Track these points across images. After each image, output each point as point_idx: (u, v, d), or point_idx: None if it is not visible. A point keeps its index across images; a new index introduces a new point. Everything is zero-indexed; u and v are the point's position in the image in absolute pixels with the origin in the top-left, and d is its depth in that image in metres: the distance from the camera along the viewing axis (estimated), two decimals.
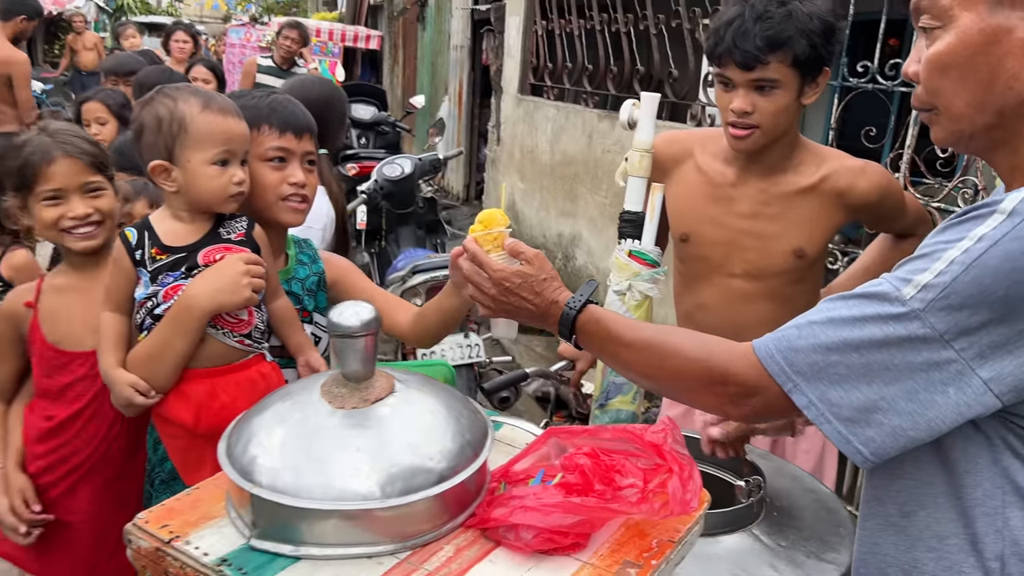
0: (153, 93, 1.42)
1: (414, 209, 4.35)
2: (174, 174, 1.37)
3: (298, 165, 1.52)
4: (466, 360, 3.30)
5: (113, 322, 1.40)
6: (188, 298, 1.34)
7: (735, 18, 1.63)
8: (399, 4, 12.31)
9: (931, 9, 0.94)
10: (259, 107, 1.50)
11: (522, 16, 6.45)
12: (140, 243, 1.38)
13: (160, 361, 1.35)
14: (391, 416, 0.97)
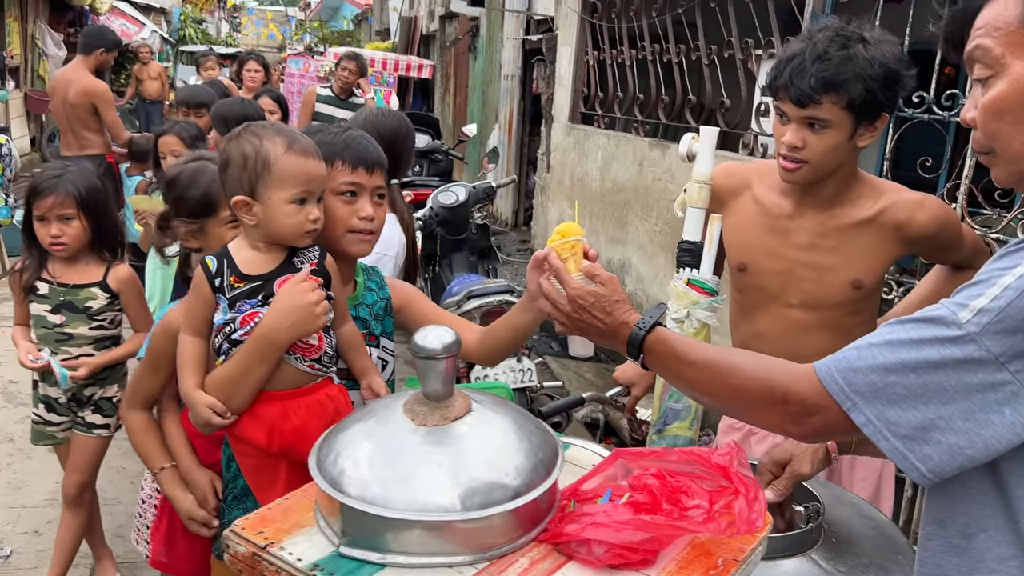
0: (241, 129, 1.50)
1: (467, 235, 4.45)
2: (255, 209, 1.44)
3: (368, 199, 1.59)
4: (519, 384, 3.36)
5: (192, 346, 1.48)
6: (267, 332, 1.41)
7: (797, 54, 1.66)
8: (451, 34, 12.56)
9: (984, 59, 0.98)
10: (334, 143, 1.58)
11: (574, 47, 6.55)
12: (219, 271, 1.45)
13: (238, 386, 1.43)
14: (469, 434, 1.03)
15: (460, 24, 11.84)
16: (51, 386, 2.58)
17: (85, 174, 2.52)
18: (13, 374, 4.53)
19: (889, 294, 3.12)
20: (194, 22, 23.56)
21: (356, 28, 26.87)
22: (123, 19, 14.42)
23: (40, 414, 2.64)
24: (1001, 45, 0.97)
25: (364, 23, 24.95)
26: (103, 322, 2.54)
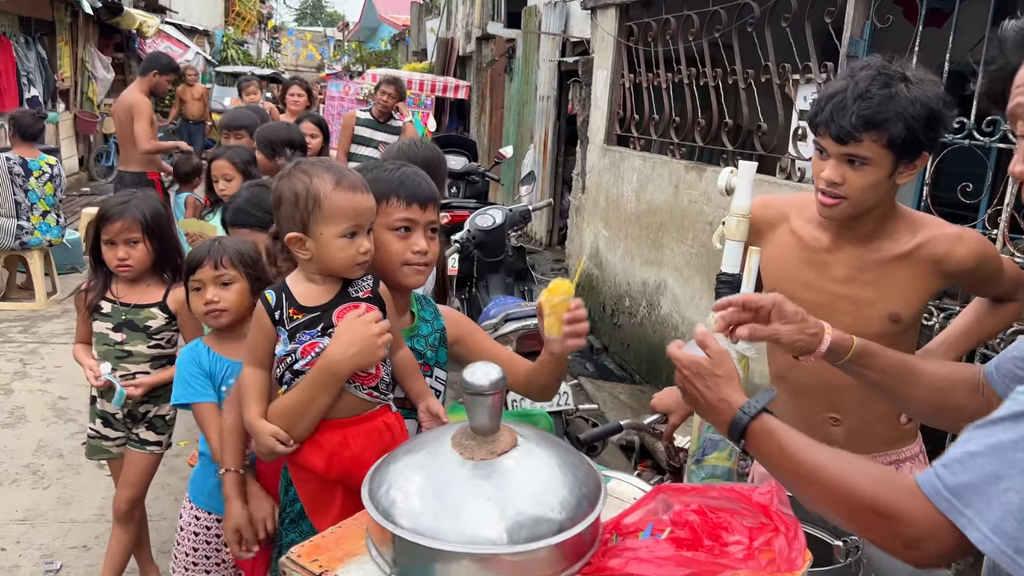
0: (292, 168, 1.57)
1: (504, 257, 4.49)
2: (308, 244, 1.51)
3: (421, 234, 1.65)
4: (555, 407, 3.38)
5: (255, 377, 1.54)
6: (330, 362, 1.47)
7: (839, 92, 1.66)
8: (488, 55, 12.69)
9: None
10: (390, 180, 1.64)
11: (610, 69, 6.60)
12: (279, 304, 1.52)
13: (301, 415, 1.49)
14: (516, 468, 1.07)
15: (497, 46, 11.97)
16: (110, 402, 2.68)
17: (150, 201, 2.65)
18: (63, 391, 4.68)
19: (929, 320, 3.09)
20: (236, 43, 24.09)
21: (393, 49, 27.26)
22: (169, 42, 14.81)
23: (97, 429, 2.74)
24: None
25: (401, 43, 25.30)
26: (160, 341, 2.64)
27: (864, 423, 1.84)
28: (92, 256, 2.63)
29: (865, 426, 1.84)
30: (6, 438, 4.12)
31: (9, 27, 9.73)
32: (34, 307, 6.15)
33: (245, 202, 2.52)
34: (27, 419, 4.35)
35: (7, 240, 5.83)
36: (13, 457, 3.93)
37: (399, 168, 1.69)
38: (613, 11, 6.58)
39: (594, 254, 6.84)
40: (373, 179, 1.62)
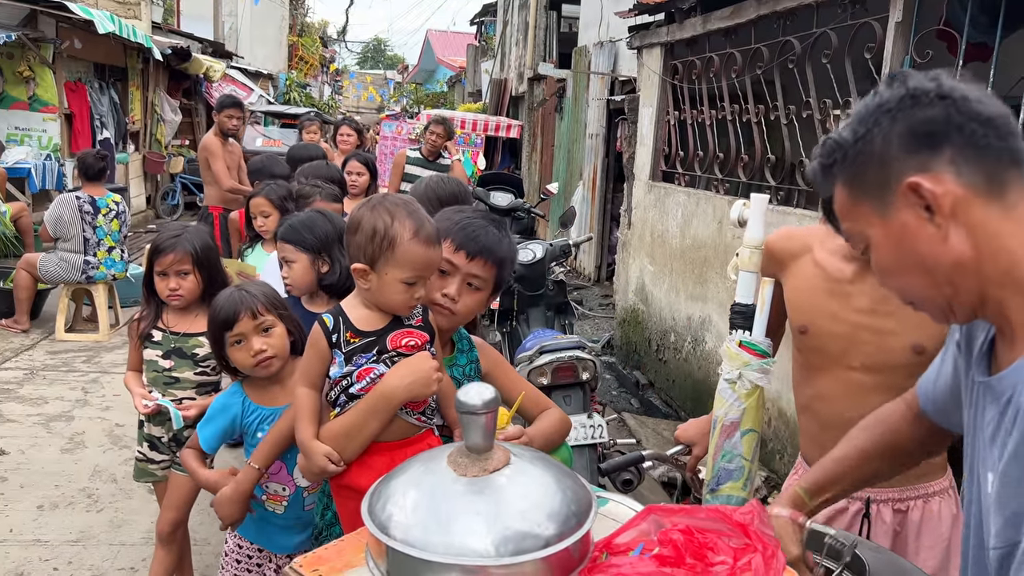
0: (379, 201, 1.62)
1: (544, 291, 4.54)
2: (370, 278, 1.58)
3: (458, 281, 1.69)
4: (588, 440, 3.39)
5: (309, 398, 1.61)
6: (387, 389, 1.54)
7: None
8: (539, 95, 12.90)
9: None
10: (453, 221, 1.70)
11: (655, 107, 6.66)
12: (336, 327, 1.59)
13: (353, 438, 1.56)
14: (507, 485, 1.11)
15: (547, 85, 12.16)
16: (156, 426, 2.80)
17: (200, 234, 2.79)
18: (120, 418, 4.87)
19: None
20: (299, 86, 24.93)
21: (450, 90, 27.87)
22: (234, 85, 15.43)
23: (144, 452, 2.86)
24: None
25: (458, 85, 25.87)
26: (206, 368, 2.75)
27: None
28: (145, 287, 2.77)
29: None
30: (65, 463, 4.30)
31: (85, 74, 10.29)
32: (98, 338, 6.42)
33: (300, 223, 2.61)
34: (85, 445, 4.53)
35: (74, 274, 6.12)
36: (71, 481, 4.09)
37: (470, 216, 1.74)
38: (658, 50, 6.66)
39: (640, 289, 6.84)
40: (444, 218, 1.67)
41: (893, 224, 1.03)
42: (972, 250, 1.00)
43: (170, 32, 13.92)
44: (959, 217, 0.99)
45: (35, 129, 9.09)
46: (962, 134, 0.99)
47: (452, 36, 31.85)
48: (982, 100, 1.01)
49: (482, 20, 22.83)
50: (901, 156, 1.01)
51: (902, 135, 1.01)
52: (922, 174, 0.99)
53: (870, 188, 1.04)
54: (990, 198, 0.99)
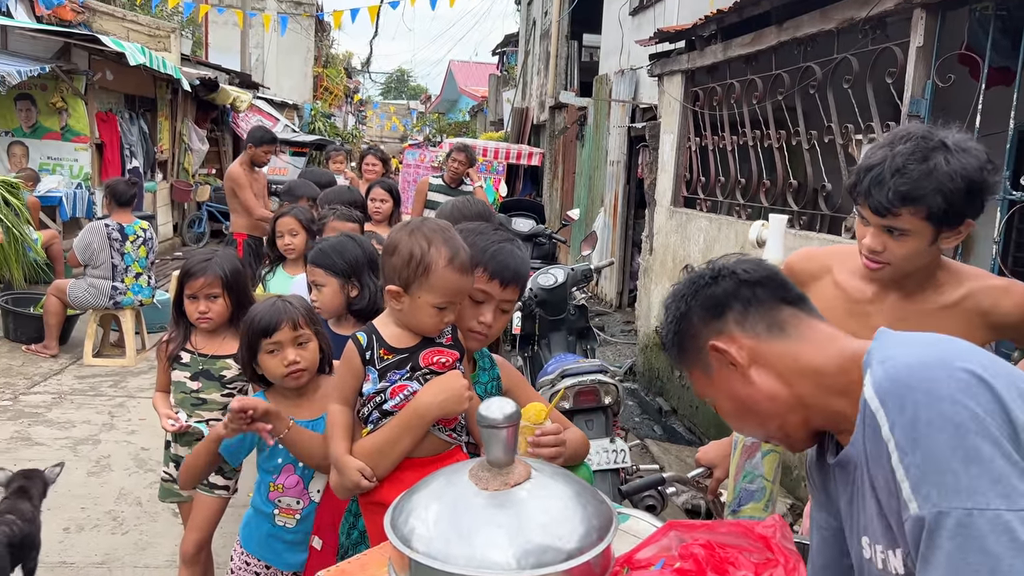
0: (417, 225, 1.65)
1: (566, 316, 4.54)
2: (403, 300, 1.61)
3: (491, 308, 1.73)
4: (611, 465, 3.37)
5: (342, 415, 1.65)
6: (420, 406, 1.57)
7: (876, 165, 1.65)
8: (560, 123, 13.00)
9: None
10: (484, 250, 1.72)
11: (676, 133, 6.70)
12: (370, 345, 1.63)
13: (386, 455, 1.59)
14: (528, 499, 1.12)
15: (569, 114, 12.25)
16: (182, 446, 2.83)
17: (230, 258, 2.85)
18: (146, 442, 4.91)
19: None
20: (323, 116, 25.30)
21: (472, 119, 28.15)
22: (260, 115, 15.70)
23: (169, 472, 2.89)
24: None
25: (480, 114, 26.12)
26: (233, 390, 2.79)
27: None
28: (175, 309, 2.82)
29: None
30: (91, 486, 4.34)
31: (116, 104, 10.53)
32: (124, 363, 6.51)
33: (331, 247, 2.64)
34: (111, 468, 4.58)
35: (102, 300, 6.22)
36: (96, 504, 4.13)
37: (500, 242, 1.76)
38: (679, 77, 6.71)
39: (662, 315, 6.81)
40: (471, 243, 1.69)
41: (717, 381, 1.26)
42: (778, 381, 1.21)
43: (198, 63, 14.23)
44: (758, 361, 1.22)
45: (67, 158, 9.30)
46: (739, 299, 1.25)
47: (474, 66, 32.23)
48: (750, 270, 1.28)
49: (504, 50, 23.10)
50: (701, 327, 1.27)
51: (697, 311, 1.27)
52: (717, 336, 1.24)
53: (692, 357, 1.29)
54: (774, 338, 1.23)
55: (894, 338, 1.19)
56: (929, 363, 1.06)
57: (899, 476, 1.00)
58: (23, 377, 6.08)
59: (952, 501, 0.94)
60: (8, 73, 7.60)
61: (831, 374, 1.19)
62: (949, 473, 0.95)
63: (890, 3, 3.90)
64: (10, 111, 9.08)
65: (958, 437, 0.96)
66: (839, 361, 1.20)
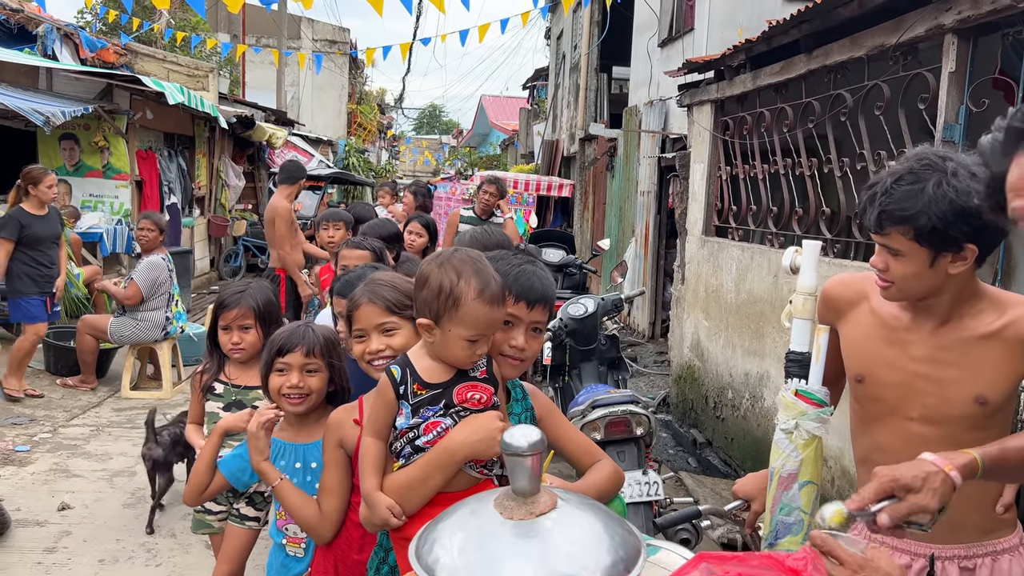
0: (448, 257, 1.63)
1: (596, 346, 4.52)
2: (435, 333, 1.59)
3: (523, 331, 1.70)
4: (644, 498, 3.32)
5: (375, 448, 1.62)
6: (452, 445, 1.55)
7: (874, 184, 1.69)
8: (590, 155, 13.04)
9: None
10: (506, 274, 1.69)
11: (706, 163, 6.68)
12: (403, 379, 1.60)
13: (416, 492, 1.57)
14: (553, 529, 1.10)
15: (599, 145, 12.30)
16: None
17: (263, 290, 2.88)
18: (179, 474, 4.94)
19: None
20: (357, 152, 25.69)
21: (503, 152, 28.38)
22: (295, 151, 15.98)
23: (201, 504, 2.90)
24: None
25: (511, 147, 26.34)
26: None
27: (955, 511, 1.75)
28: (209, 340, 2.86)
29: (957, 514, 1.75)
30: (126, 517, 4.38)
31: (155, 143, 10.80)
32: (161, 395, 6.59)
33: (356, 278, 2.67)
34: (147, 500, 4.60)
35: (154, 333, 6.39)
36: (131, 535, 4.16)
37: (521, 264, 1.75)
38: (709, 107, 6.71)
39: (695, 345, 6.75)
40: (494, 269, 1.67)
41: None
42: None
43: (235, 102, 14.56)
44: None
45: (108, 195, 9.53)
46: None
47: (505, 101, 32.57)
48: None
49: (534, 84, 23.32)
50: None
51: None
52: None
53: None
54: None
55: None
56: None
57: None
58: (63, 410, 6.18)
59: None
60: (53, 114, 7.84)
61: None
62: None
63: (920, 29, 3.87)
64: (55, 150, 9.35)
65: None
66: None
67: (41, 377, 6.79)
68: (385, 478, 1.60)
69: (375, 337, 1.84)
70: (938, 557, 1.75)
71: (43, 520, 4.26)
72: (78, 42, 11.03)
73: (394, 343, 1.84)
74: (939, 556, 1.75)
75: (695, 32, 8.80)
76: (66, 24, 11.31)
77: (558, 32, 17.55)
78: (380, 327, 1.86)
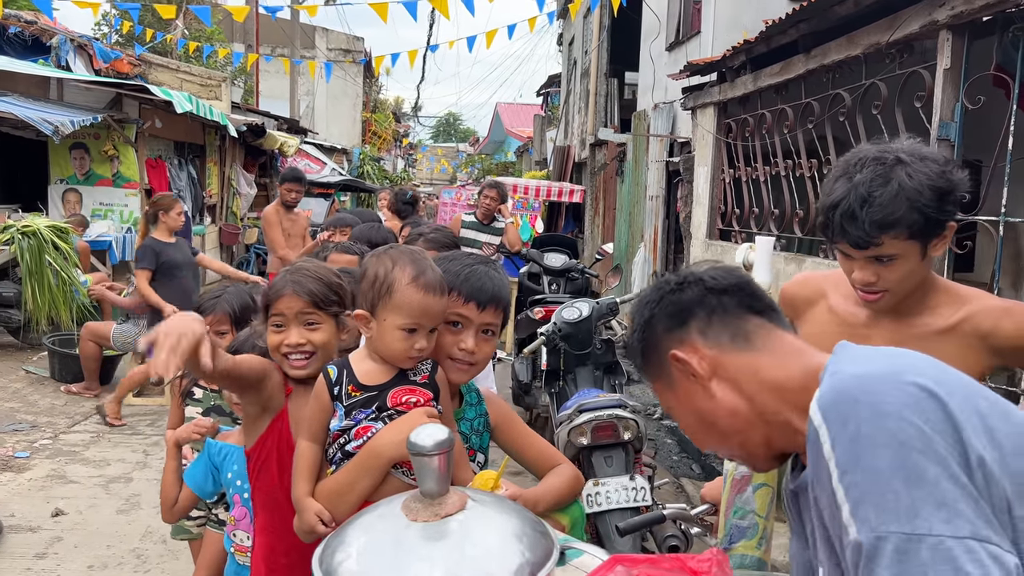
0: (385, 249, 1.63)
1: (592, 350, 4.46)
2: (371, 325, 1.56)
3: (472, 333, 1.64)
4: (629, 504, 3.26)
5: (309, 452, 1.56)
6: (378, 446, 1.49)
7: (840, 201, 1.58)
8: (600, 160, 13.00)
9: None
10: (456, 274, 1.65)
11: (710, 166, 6.62)
12: (339, 379, 1.56)
13: (344, 498, 1.50)
14: (458, 531, 1.06)
15: (608, 150, 12.26)
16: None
17: (240, 295, 2.87)
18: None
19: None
20: (372, 160, 25.78)
21: (518, 159, 28.40)
22: (307, 159, 16.06)
23: None
24: None
25: (525, 154, 26.35)
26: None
27: None
28: None
29: None
30: (119, 523, 4.37)
31: (165, 151, 10.89)
32: (163, 402, 6.59)
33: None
34: (140, 506, 4.61)
35: None
36: (122, 541, 4.15)
37: (473, 264, 1.70)
38: (711, 110, 6.65)
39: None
40: (444, 269, 1.63)
41: (679, 393, 1.21)
42: (739, 395, 1.15)
43: (248, 111, 14.66)
44: (719, 373, 1.16)
45: (117, 204, 9.61)
46: (703, 307, 1.19)
47: (520, 108, 32.62)
48: (718, 277, 1.21)
49: (548, 91, 23.33)
50: (663, 336, 1.21)
51: (660, 319, 1.22)
52: (679, 346, 1.18)
53: (655, 369, 1.23)
54: (738, 350, 1.16)
55: (850, 352, 1.10)
56: (878, 376, 0.98)
57: (839, 497, 0.92)
58: (65, 416, 6.21)
59: (891, 524, 0.87)
60: (62, 123, 7.92)
61: (793, 390, 1.12)
62: (890, 493, 0.88)
63: (915, 25, 3.80)
64: (65, 160, 9.45)
65: (901, 455, 0.88)
66: (802, 376, 1.12)
67: (46, 384, 6.83)
68: (318, 484, 1.55)
69: (295, 329, 1.72)
70: None
71: (36, 526, 4.26)
72: (92, 53, 11.17)
73: (315, 338, 1.73)
74: None
75: (701, 36, 8.75)
76: (80, 35, 11.45)
77: (569, 38, 17.55)
78: (301, 320, 1.73)
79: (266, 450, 1.75)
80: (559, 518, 1.77)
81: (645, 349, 1.24)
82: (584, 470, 3.42)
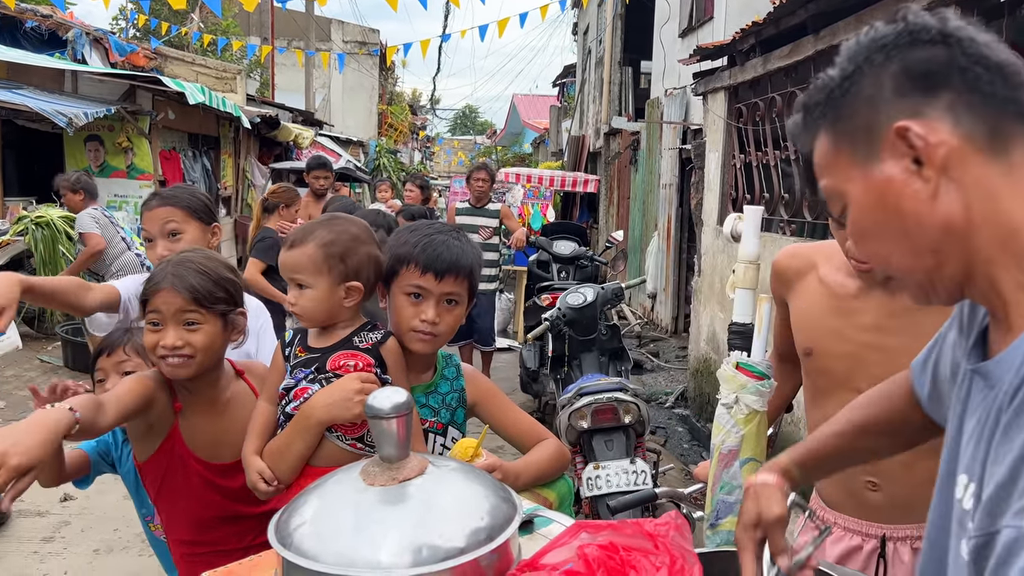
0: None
1: (597, 336, 4.43)
2: None
3: (432, 304, 1.61)
4: (630, 487, 3.23)
5: (264, 412, 1.60)
6: (308, 407, 1.51)
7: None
8: (614, 149, 12.92)
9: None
10: (413, 244, 1.62)
11: (721, 151, 6.54)
12: (292, 341, 1.60)
13: (282, 458, 1.53)
14: (415, 495, 1.04)
15: (622, 139, 12.18)
16: None
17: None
18: None
19: None
20: (388, 152, 25.79)
21: (535, 151, 28.33)
22: (322, 151, 16.08)
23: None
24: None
25: (542, 145, 26.27)
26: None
27: (907, 488, 1.65)
28: None
29: (908, 491, 1.65)
30: (125, 508, 4.39)
31: (179, 143, 10.94)
32: None
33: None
34: None
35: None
36: (128, 525, 4.17)
37: (432, 234, 1.66)
38: (722, 94, 6.57)
39: (711, 337, 6.62)
40: (403, 241, 1.63)
41: (876, 177, 0.90)
42: (964, 212, 0.86)
43: (263, 103, 14.70)
44: (952, 173, 0.86)
45: (132, 196, 9.67)
46: (964, 78, 0.86)
47: (536, 99, 32.50)
48: (990, 44, 0.87)
49: (563, 81, 23.22)
50: (892, 98, 0.88)
51: (895, 75, 0.88)
52: (914, 119, 0.86)
53: (855, 133, 0.91)
54: (990, 154, 0.85)
55: None
56: None
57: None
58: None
59: None
60: (75, 115, 7.97)
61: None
62: None
63: (923, 4, 3.72)
64: (80, 152, 9.51)
65: None
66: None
67: (59, 372, 6.90)
68: (267, 444, 1.56)
69: (172, 330, 1.57)
70: (889, 538, 1.65)
71: (44, 511, 4.31)
72: (107, 47, 11.24)
73: (195, 340, 1.58)
74: (891, 537, 1.65)
75: (714, 21, 8.65)
76: (96, 29, 11.52)
77: (584, 27, 17.44)
78: (180, 319, 1.58)
79: (160, 469, 1.68)
80: (545, 493, 1.74)
81: (851, 103, 0.92)
82: (585, 454, 3.40)
